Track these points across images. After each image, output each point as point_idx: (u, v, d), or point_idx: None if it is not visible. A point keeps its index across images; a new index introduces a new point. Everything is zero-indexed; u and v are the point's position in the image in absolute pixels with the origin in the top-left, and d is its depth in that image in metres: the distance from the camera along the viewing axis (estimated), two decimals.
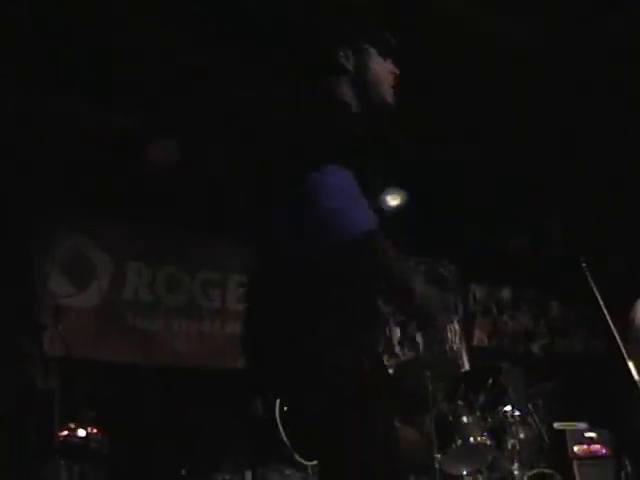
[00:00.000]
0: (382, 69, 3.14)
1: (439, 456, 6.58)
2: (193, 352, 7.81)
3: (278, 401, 4.91)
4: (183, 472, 6.54)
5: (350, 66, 3.09)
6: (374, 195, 2.88)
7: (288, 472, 4.91)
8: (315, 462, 5.00)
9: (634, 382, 4.65)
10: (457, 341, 9.20)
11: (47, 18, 5.81)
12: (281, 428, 4.89)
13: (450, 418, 6.89)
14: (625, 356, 4.61)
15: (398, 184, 7.00)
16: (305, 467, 4.99)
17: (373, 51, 3.14)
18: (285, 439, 4.87)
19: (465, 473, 6.95)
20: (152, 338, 7.70)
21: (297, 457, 4.89)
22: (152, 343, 7.67)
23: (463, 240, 8.61)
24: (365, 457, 2.65)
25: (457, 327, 9.32)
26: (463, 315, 9.51)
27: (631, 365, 4.62)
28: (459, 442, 6.78)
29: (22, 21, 5.83)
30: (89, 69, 6.29)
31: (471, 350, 9.44)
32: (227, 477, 6.49)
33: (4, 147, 6.64)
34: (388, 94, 3.14)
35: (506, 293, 10.37)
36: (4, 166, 6.71)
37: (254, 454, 5.09)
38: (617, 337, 4.62)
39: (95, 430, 6.07)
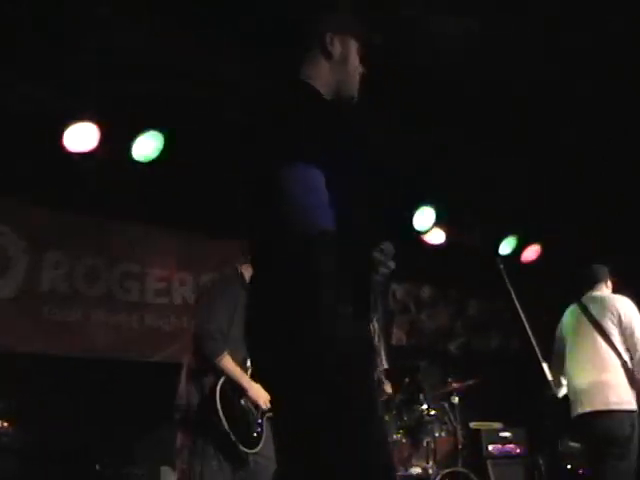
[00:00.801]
0: (356, 65, 3.12)
1: None
2: (110, 344, 7.72)
3: (218, 390, 4.88)
4: (97, 467, 6.45)
5: (335, 53, 3.05)
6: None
7: (222, 460, 4.85)
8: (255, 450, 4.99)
9: (547, 382, 4.71)
10: (376, 340, 9.22)
11: None
12: (224, 419, 4.87)
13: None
14: (539, 356, 4.66)
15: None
16: (246, 457, 4.98)
17: (354, 44, 3.12)
18: (228, 429, 4.85)
19: None
20: (69, 329, 7.58)
21: (241, 447, 4.88)
22: (69, 334, 7.55)
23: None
24: (365, 457, 2.64)
25: (376, 326, 9.34)
26: (382, 314, 9.55)
27: (545, 365, 4.68)
28: None
29: None
30: None
31: (390, 349, 9.47)
32: (141, 472, 6.42)
33: None
34: (355, 90, 3.12)
35: (425, 292, 10.43)
36: None
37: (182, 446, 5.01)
38: (532, 337, 4.67)
39: (6, 424, 5.95)
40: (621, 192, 8.74)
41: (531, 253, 10.07)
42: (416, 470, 7.09)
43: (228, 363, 4.98)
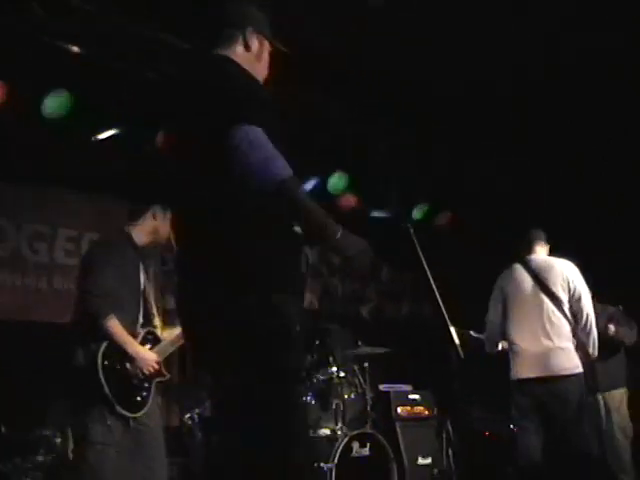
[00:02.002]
0: (265, 65, 3.30)
1: None
2: (17, 305, 7.59)
3: (101, 353, 4.84)
4: (2, 429, 6.35)
5: (253, 48, 3.23)
6: None
7: (111, 424, 4.81)
8: (138, 414, 4.97)
9: (455, 346, 4.77)
10: None
11: None
12: (103, 380, 4.82)
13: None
14: (447, 321, 4.71)
15: None
16: (127, 420, 4.93)
17: (267, 47, 3.30)
18: (107, 391, 4.81)
19: None
20: None
21: (119, 409, 4.84)
22: None
23: None
24: (293, 428, 2.82)
25: None
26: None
27: (452, 330, 4.73)
28: None
29: None
30: None
31: None
32: (48, 432, 6.35)
33: None
34: (263, 75, 3.28)
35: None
36: None
37: (75, 407, 4.96)
38: (440, 302, 4.72)
39: None
40: (531, 161, 8.88)
41: (443, 219, 10.19)
42: (325, 432, 7.13)
43: (115, 326, 4.91)
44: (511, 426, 8.15)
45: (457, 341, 4.74)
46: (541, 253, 6.44)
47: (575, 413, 5.98)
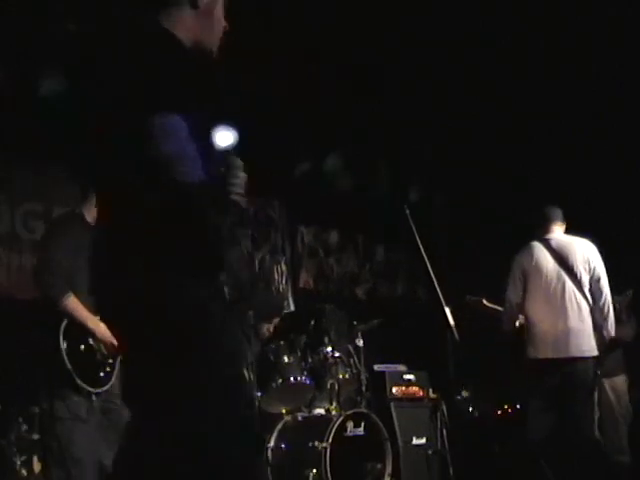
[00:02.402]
0: (220, 18, 3.06)
1: (259, 395, 6.66)
2: (13, 284, 7.58)
3: (62, 330, 4.83)
4: None
5: (201, 3, 2.97)
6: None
7: (76, 399, 4.83)
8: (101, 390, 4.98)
9: (450, 327, 4.77)
10: (283, 282, 9.25)
11: None
12: (65, 356, 4.82)
13: (271, 358, 6.97)
14: (442, 302, 4.72)
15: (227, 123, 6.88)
16: (89, 395, 4.94)
17: None
18: (69, 367, 4.81)
19: (284, 411, 7.05)
20: None
21: (80, 382, 4.84)
22: None
23: (292, 181, 8.65)
24: (217, 401, 2.69)
25: (284, 268, 9.36)
26: (290, 257, 9.56)
27: (447, 311, 4.74)
28: (279, 381, 6.87)
29: None
30: None
31: (297, 292, 9.52)
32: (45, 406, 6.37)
33: None
34: (216, 42, 3.07)
35: (333, 236, 10.47)
36: None
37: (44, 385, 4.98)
38: (436, 283, 4.72)
39: None
40: (533, 135, 8.87)
41: (439, 201, 10.21)
42: (319, 411, 7.17)
43: (73, 303, 4.91)
44: (505, 407, 8.23)
45: (452, 322, 4.75)
46: (558, 232, 6.39)
47: (586, 396, 6.01)
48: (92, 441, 4.89)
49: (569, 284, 6.14)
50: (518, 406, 7.90)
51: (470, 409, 8.56)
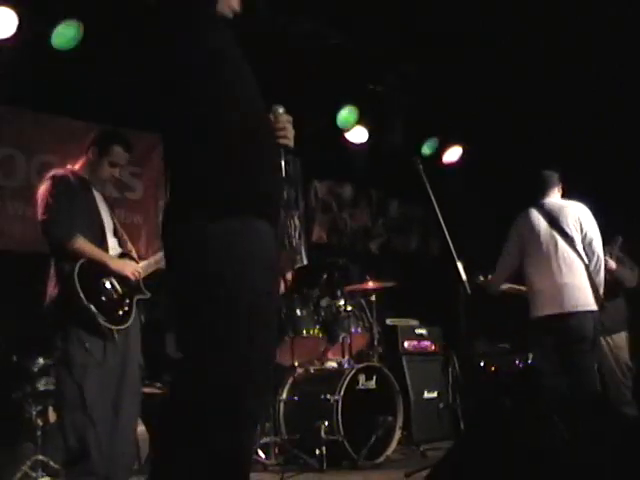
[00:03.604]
0: None
1: None
2: (28, 236, 7.60)
3: (76, 271, 4.83)
4: (14, 358, 6.42)
5: None
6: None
7: (94, 340, 4.85)
8: (122, 327, 5.00)
9: (462, 282, 4.79)
10: (296, 236, 9.24)
11: None
12: (83, 297, 4.82)
13: (284, 310, 7.00)
14: (455, 257, 4.73)
15: None
16: (111, 332, 4.91)
17: None
18: (87, 303, 4.81)
19: (297, 364, 7.10)
20: None
21: (102, 321, 4.86)
22: None
23: (306, 135, 8.62)
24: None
25: (297, 222, 9.34)
26: (304, 211, 9.51)
27: (460, 265, 4.75)
28: (291, 334, 6.91)
29: None
30: None
31: (310, 246, 9.49)
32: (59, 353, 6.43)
33: None
34: (235, 3, 3.10)
35: (347, 191, 10.46)
36: None
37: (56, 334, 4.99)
38: (448, 238, 4.73)
39: None
40: (542, 99, 8.81)
41: (452, 155, 10.16)
42: (332, 364, 7.23)
43: (83, 244, 4.91)
44: (517, 362, 8.26)
45: (464, 277, 4.76)
46: (554, 196, 6.48)
47: (585, 349, 6.07)
48: (107, 384, 4.91)
49: (561, 243, 6.23)
50: (530, 361, 7.91)
51: (482, 363, 8.60)
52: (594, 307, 6.15)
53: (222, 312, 2.72)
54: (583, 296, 6.15)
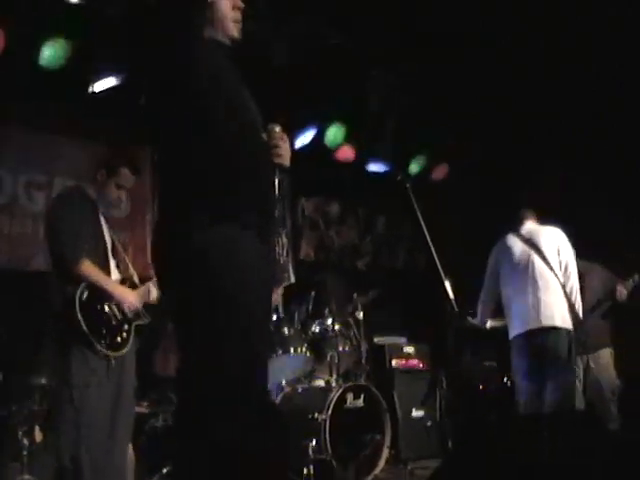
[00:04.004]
0: (227, 6, 3.21)
1: None
2: (15, 254, 7.59)
3: (78, 294, 4.83)
4: (0, 377, 6.39)
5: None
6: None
7: (93, 364, 4.84)
8: (119, 354, 5.00)
9: (449, 300, 4.79)
10: (284, 254, 9.23)
11: None
12: (81, 319, 4.82)
13: (272, 329, 6.97)
14: (442, 274, 4.73)
15: None
16: (107, 358, 4.91)
17: None
18: (86, 330, 4.81)
19: (284, 383, 7.08)
20: None
21: (99, 347, 4.85)
22: None
23: (293, 152, 8.59)
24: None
25: (285, 240, 9.33)
26: (291, 228, 9.52)
27: (447, 283, 4.75)
28: (279, 353, 6.89)
29: None
30: None
31: (297, 264, 9.49)
32: (44, 380, 6.39)
33: None
34: (232, 28, 3.21)
35: (334, 208, 10.46)
36: None
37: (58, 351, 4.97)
38: (435, 256, 4.73)
39: None
40: (529, 114, 8.83)
41: (440, 172, 10.18)
42: (319, 383, 7.20)
43: (89, 268, 4.92)
44: (505, 379, 8.26)
45: (451, 294, 4.76)
46: (531, 224, 6.54)
47: (560, 366, 6.08)
48: (104, 406, 4.90)
49: (538, 262, 6.28)
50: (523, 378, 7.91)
51: (469, 381, 8.59)
52: (569, 326, 6.17)
53: (223, 317, 2.84)
54: (558, 314, 6.16)
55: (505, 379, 8.31)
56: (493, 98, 8.57)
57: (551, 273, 6.25)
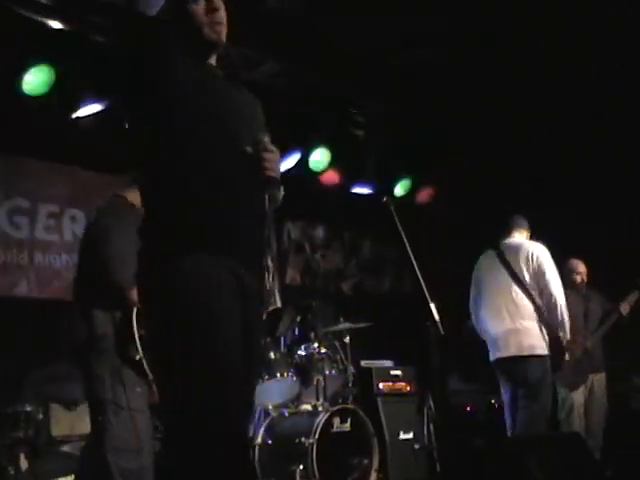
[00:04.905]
0: (199, 11, 3.11)
1: None
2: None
3: (134, 317, 4.80)
4: None
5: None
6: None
7: (139, 389, 4.81)
8: None
9: (435, 322, 4.78)
10: (270, 279, 9.21)
11: None
12: (139, 346, 4.77)
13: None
14: (427, 297, 4.72)
15: None
16: (150, 382, 4.80)
17: None
18: (141, 351, 4.77)
19: (271, 408, 7.04)
20: None
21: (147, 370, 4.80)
22: None
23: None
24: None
25: (271, 265, 9.32)
26: (277, 253, 9.49)
27: (432, 306, 4.74)
28: (266, 377, 6.86)
29: None
30: None
31: (283, 288, 9.49)
32: (30, 408, 6.34)
33: None
34: (210, 33, 3.13)
35: (320, 232, 10.46)
36: None
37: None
38: (421, 279, 4.72)
39: None
40: (515, 135, 8.87)
41: (425, 195, 10.20)
42: (306, 407, 7.17)
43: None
44: (492, 401, 8.25)
45: (437, 317, 4.75)
46: (516, 237, 6.46)
47: (531, 395, 6.03)
48: (149, 430, 4.92)
49: (513, 287, 6.22)
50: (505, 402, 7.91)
51: (457, 404, 8.58)
52: (542, 351, 6.09)
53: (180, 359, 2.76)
54: (529, 340, 6.09)
55: (493, 401, 8.31)
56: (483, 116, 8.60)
57: (523, 295, 6.16)
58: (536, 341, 6.09)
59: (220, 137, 2.97)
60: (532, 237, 6.55)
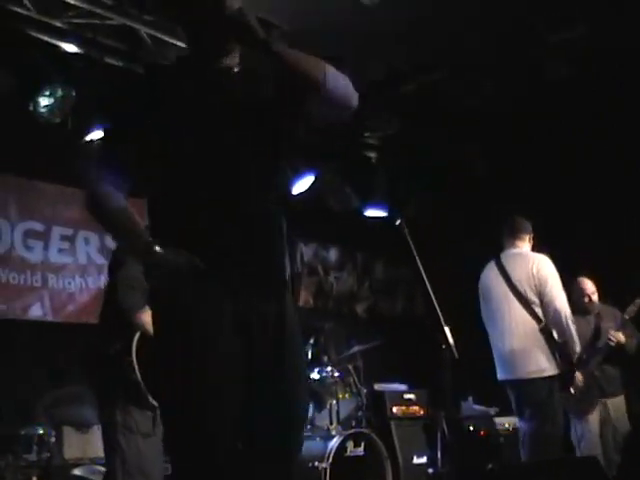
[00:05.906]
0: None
1: None
2: (11, 303, 7.56)
3: (135, 342, 4.79)
4: None
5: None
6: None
7: (150, 413, 4.78)
8: None
9: (449, 345, 4.75)
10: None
11: None
12: (137, 370, 4.76)
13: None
14: (441, 320, 4.69)
15: None
16: (154, 409, 4.79)
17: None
18: (140, 379, 4.75)
19: None
20: None
21: (151, 399, 4.78)
22: None
23: (291, 199, 8.65)
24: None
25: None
26: (290, 275, 9.48)
27: (446, 329, 4.71)
28: None
29: None
30: None
31: (296, 310, 9.44)
32: (41, 430, 6.33)
33: None
34: (210, 43, 2.84)
35: (332, 254, 10.47)
36: None
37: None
38: (434, 300, 4.69)
39: None
40: (515, 154, 8.88)
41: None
42: (319, 431, 7.13)
43: (145, 317, 4.87)
44: (506, 425, 8.20)
45: (451, 340, 4.72)
46: (517, 246, 6.31)
47: (537, 416, 5.94)
48: (159, 455, 4.86)
49: (515, 304, 6.06)
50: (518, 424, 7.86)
51: (471, 428, 8.53)
52: (549, 372, 5.96)
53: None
54: (535, 362, 5.95)
55: (506, 424, 8.26)
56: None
57: (529, 315, 6.01)
58: (541, 363, 5.96)
59: (213, 187, 2.81)
60: (534, 239, 6.41)
